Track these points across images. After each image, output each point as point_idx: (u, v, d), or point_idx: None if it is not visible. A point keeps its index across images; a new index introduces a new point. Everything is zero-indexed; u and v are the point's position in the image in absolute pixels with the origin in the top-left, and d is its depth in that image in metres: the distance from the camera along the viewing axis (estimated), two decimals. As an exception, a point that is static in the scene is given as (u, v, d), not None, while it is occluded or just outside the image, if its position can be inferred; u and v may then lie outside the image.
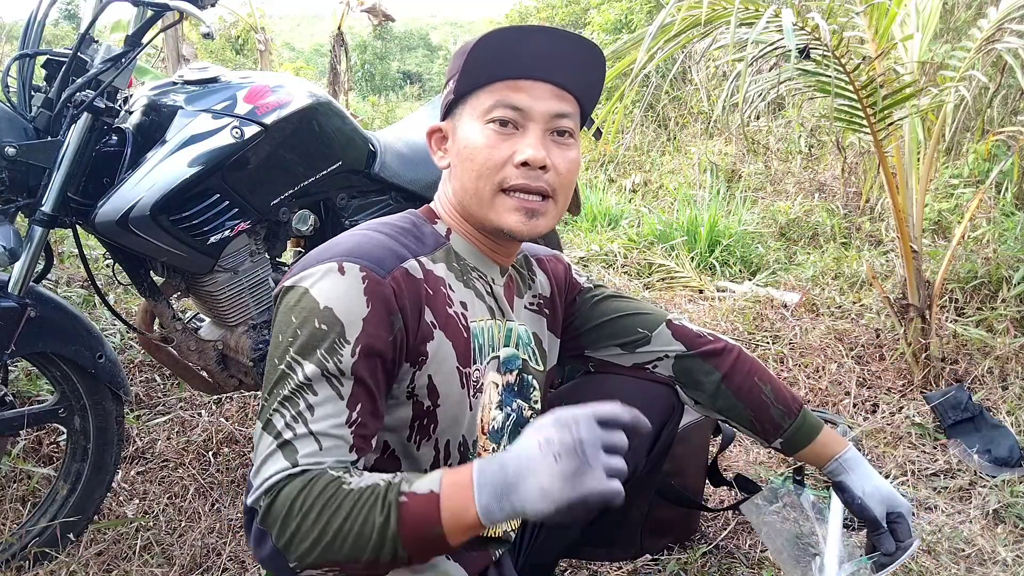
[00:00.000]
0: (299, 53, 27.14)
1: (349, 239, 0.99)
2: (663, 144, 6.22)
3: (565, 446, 0.78)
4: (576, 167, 1.06)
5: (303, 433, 0.87)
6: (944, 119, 2.28)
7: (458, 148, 1.03)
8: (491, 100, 1.00)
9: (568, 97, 1.03)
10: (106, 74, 1.49)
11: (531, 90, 1.00)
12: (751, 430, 1.30)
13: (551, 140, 1.02)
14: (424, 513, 0.82)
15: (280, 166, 1.66)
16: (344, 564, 0.84)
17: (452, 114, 1.06)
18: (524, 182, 1.00)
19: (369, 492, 0.83)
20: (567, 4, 10.43)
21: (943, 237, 3.49)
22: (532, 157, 0.99)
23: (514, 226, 1.02)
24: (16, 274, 1.47)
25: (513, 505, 0.79)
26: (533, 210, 1.02)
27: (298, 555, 0.84)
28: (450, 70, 1.07)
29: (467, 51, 1.01)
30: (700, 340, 1.29)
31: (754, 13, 1.95)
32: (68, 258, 2.95)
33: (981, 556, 1.72)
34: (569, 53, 1.00)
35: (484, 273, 1.10)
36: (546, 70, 1.00)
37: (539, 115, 1.00)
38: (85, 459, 1.65)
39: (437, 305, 1.01)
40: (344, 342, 0.90)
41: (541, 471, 0.78)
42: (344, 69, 7.75)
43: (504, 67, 0.99)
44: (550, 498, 0.77)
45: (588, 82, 1.05)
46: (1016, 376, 2.42)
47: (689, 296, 3.45)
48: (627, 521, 1.40)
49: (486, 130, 1.00)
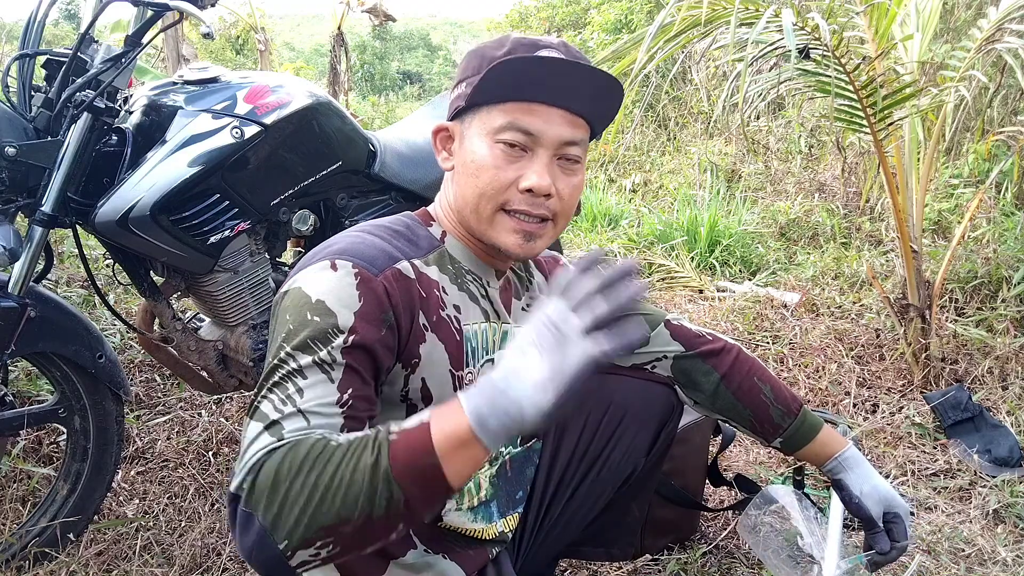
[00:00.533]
0: (299, 53, 27.15)
1: (342, 240, 0.98)
2: (663, 144, 6.22)
3: (541, 336, 0.77)
4: (579, 192, 1.05)
5: (291, 412, 0.84)
6: (944, 119, 2.28)
7: (464, 159, 1.02)
8: (503, 120, 0.98)
9: (580, 123, 1.02)
10: (106, 74, 1.49)
11: (544, 115, 0.98)
12: (751, 430, 1.30)
13: (558, 166, 1.01)
14: (415, 441, 0.78)
15: (280, 166, 1.66)
16: (339, 528, 0.77)
17: (461, 118, 1.04)
18: (526, 208, 0.99)
19: (358, 440, 0.79)
20: (567, 4, 10.42)
21: (943, 237, 3.49)
22: (537, 185, 0.98)
23: (511, 247, 1.02)
24: (16, 274, 1.47)
25: (508, 410, 0.76)
26: (531, 233, 1.01)
27: (288, 527, 0.76)
28: (463, 71, 1.04)
29: (485, 62, 0.99)
30: (699, 340, 1.29)
31: (754, 13, 1.95)
32: (68, 258, 2.95)
33: (981, 556, 1.72)
34: (589, 82, 0.98)
35: (479, 276, 1.09)
36: (563, 98, 0.98)
37: (549, 141, 0.99)
38: (85, 459, 1.65)
39: (430, 308, 1.00)
40: (337, 332, 0.88)
41: (530, 367, 0.76)
42: (344, 69, 7.75)
43: (521, 89, 0.98)
44: (546, 387, 0.75)
45: (603, 110, 1.03)
46: (1016, 376, 2.42)
47: (689, 296, 3.45)
48: (627, 521, 1.41)
49: (494, 149, 0.99)
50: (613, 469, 1.29)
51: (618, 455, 1.28)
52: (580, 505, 1.30)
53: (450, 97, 1.07)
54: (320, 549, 0.78)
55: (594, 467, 1.28)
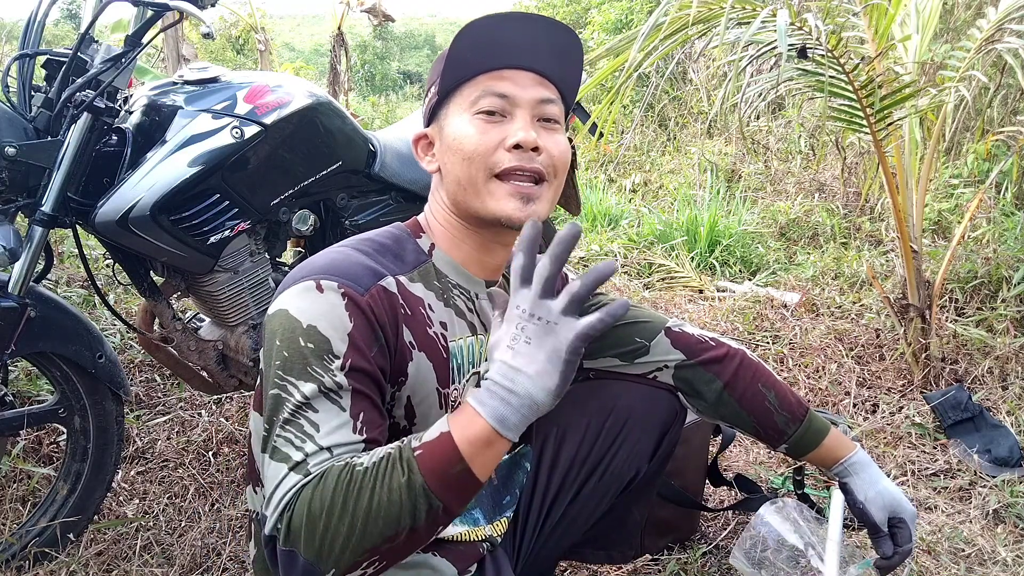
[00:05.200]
0: (299, 53, 27.12)
1: (325, 257, 0.97)
2: (663, 144, 6.22)
3: (525, 329, 0.80)
4: (567, 152, 1.05)
5: (313, 450, 0.85)
6: (944, 119, 2.28)
7: (447, 144, 1.02)
8: (476, 92, 1.00)
9: (550, 86, 1.04)
10: (106, 74, 1.49)
11: (514, 78, 1.01)
12: (756, 436, 1.30)
13: (539, 125, 1.02)
14: (442, 452, 0.81)
15: (280, 166, 1.66)
16: (384, 547, 0.81)
17: (437, 117, 1.06)
18: (518, 163, 0.99)
19: (383, 461, 0.81)
20: (568, 3, 10.41)
21: (943, 237, 3.49)
22: (524, 139, 0.98)
23: (511, 212, 1.00)
24: (16, 274, 1.47)
25: (522, 405, 0.80)
26: (528, 195, 1.00)
27: (334, 557, 0.79)
28: (431, 76, 1.07)
29: (446, 52, 1.01)
30: (701, 347, 1.27)
31: (751, 12, 1.95)
32: (68, 258, 2.95)
33: (981, 556, 1.72)
34: (547, 40, 1.01)
35: (467, 290, 1.07)
36: (527, 58, 1.01)
37: (525, 101, 1.01)
38: (85, 459, 1.65)
39: (415, 325, 0.99)
40: (333, 357, 0.88)
41: (527, 361, 0.80)
42: (344, 69, 7.74)
43: (485, 59, 1.00)
44: (549, 373, 0.80)
45: (567, 69, 1.05)
46: (1016, 376, 2.42)
47: (689, 296, 3.45)
48: (627, 524, 1.40)
49: (475, 120, 1.00)
50: (615, 474, 1.28)
51: (620, 460, 1.28)
52: (582, 509, 1.29)
53: (424, 108, 1.10)
54: (367, 568, 0.82)
55: (596, 471, 1.28)
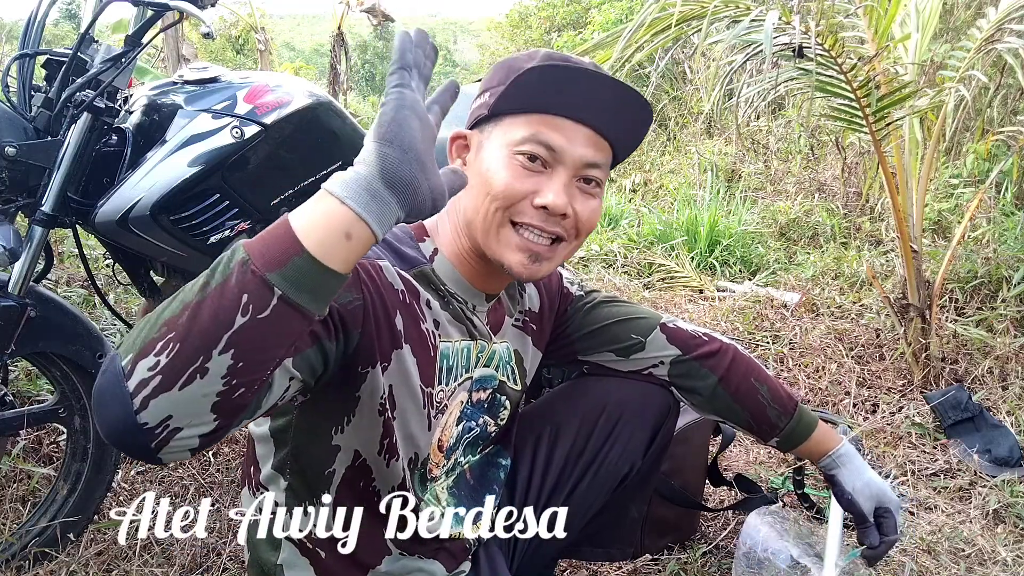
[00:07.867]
0: (299, 53, 27.13)
1: None
2: (663, 144, 6.23)
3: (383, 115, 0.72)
4: (596, 217, 1.00)
5: None
6: (944, 119, 2.28)
7: (479, 168, 0.98)
8: (525, 131, 0.94)
9: (604, 145, 0.98)
10: (106, 74, 1.49)
11: (569, 131, 0.94)
12: (748, 430, 1.31)
13: (576, 187, 0.97)
14: (270, 231, 0.70)
15: (280, 166, 1.66)
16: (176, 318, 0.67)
17: (481, 128, 1.00)
18: (539, 224, 0.95)
19: None
20: (568, 3, 10.42)
21: (943, 237, 3.49)
22: (553, 204, 0.94)
23: (514, 266, 0.97)
24: (16, 274, 1.47)
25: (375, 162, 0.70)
26: (539, 254, 0.97)
27: (132, 338, 0.68)
28: (488, 81, 1.01)
29: (512, 73, 0.95)
30: (695, 341, 1.28)
31: (742, 12, 1.94)
32: (68, 258, 2.95)
33: (981, 556, 1.72)
34: (617, 101, 0.94)
35: (464, 300, 1.05)
36: (589, 114, 0.94)
37: (571, 160, 0.95)
38: (85, 459, 1.64)
39: (408, 316, 0.96)
40: None
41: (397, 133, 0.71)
42: (344, 69, 7.75)
43: (547, 101, 0.94)
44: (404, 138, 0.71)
45: (628, 133, 0.99)
46: (1016, 376, 2.42)
47: (689, 296, 3.45)
48: (626, 521, 1.41)
49: (513, 161, 0.95)
50: (610, 469, 1.28)
51: (615, 455, 1.28)
52: (577, 506, 1.30)
53: (472, 106, 1.04)
54: (160, 355, 0.66)
55: (591, 467, 1.28)
